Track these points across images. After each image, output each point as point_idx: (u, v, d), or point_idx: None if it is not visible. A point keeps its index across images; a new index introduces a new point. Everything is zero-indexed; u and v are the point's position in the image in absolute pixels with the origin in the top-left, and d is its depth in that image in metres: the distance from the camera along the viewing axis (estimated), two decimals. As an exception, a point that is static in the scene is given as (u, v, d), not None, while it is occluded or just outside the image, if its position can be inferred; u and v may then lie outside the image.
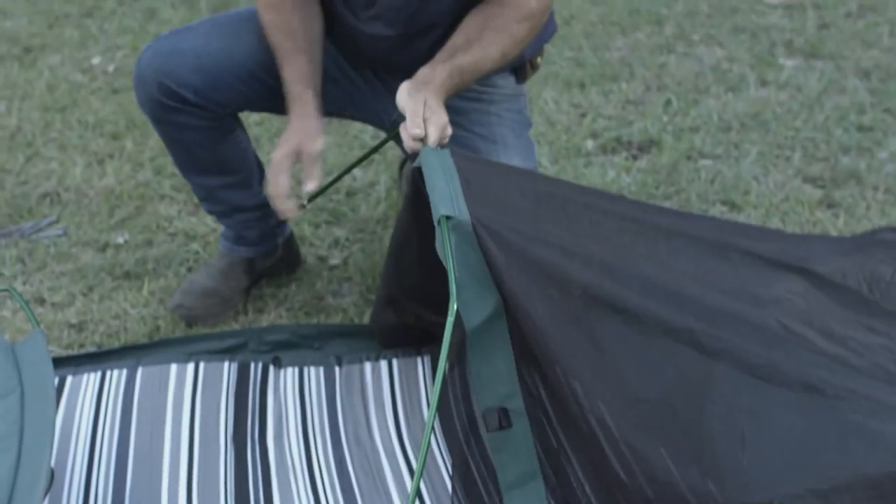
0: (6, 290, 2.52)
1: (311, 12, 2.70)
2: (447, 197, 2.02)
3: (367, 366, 2.73)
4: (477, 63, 2.45)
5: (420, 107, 2.31)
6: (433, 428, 2.18)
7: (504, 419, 2.03)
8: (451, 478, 2.28)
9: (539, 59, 2.86)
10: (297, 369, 2.72)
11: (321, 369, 2.72)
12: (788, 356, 2.09)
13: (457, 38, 2.46)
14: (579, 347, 1.94)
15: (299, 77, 2.64)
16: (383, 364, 2.73)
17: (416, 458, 2.43)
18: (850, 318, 2.31)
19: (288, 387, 2.66)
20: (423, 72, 2.40)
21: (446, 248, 1.95)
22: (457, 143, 2.44)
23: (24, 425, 2.12)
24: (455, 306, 1.90)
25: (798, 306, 2.29)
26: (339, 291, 3.09)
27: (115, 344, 2.91)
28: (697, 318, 2.06)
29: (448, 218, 1.97)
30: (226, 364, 2.73)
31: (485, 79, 2.65)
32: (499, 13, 2.48)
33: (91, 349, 2.90)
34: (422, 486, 2.32)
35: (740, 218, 3.32)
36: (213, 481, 2.38)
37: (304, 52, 2.66)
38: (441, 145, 2.26)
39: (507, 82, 2.81)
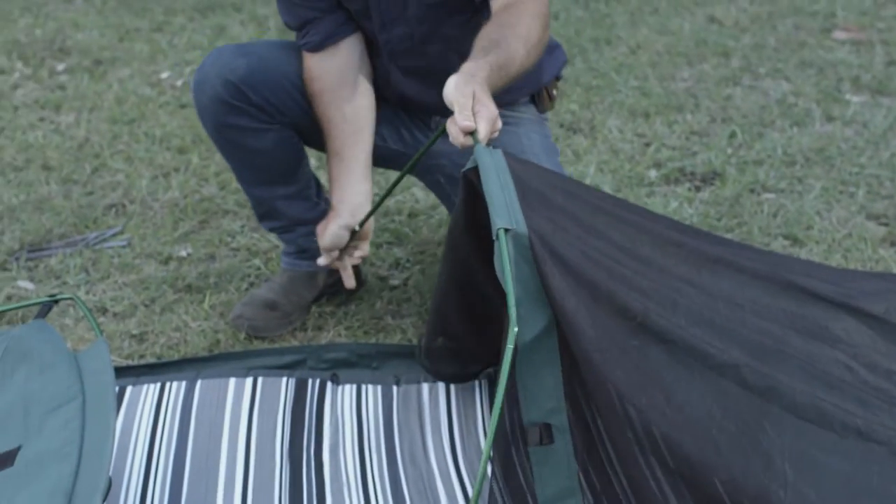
0: (70, 298, 2.54)
1: (355, 101, 2.81)
2: (504, 206, 1.96)
3: (425, 387, 2.73)
4: (507, 61, 2.36)
5: (469, 99, 2.17)
6: (490, 456, 2.17)
7: (546, 435, 2.01)
8: (493, 475, 2.26)
9: (555, 91, 2.90)
10: (355, 387, 2.72)
11: (378, 388, 2.73)
12: (833, 395, 2.07)
13: (480, 42, 2.40)
14: (632, 373, 1.92)
15: (331, 179, 2.80)
16: (440, 386, 2.72)
17: (471, 482, 2.43)
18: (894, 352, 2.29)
19: (345, 404, 2.67)
20: (467, 65, 2.28)
21: (504, 263, 1.89)
22: None
23: (84, 434, 2.14)
24: (515, 329, 1.86)
25: (844, 341, 2.27)
26: (398, 312, 3.10)
27: (175, 356, 2.93)
28: (743, 352, 2.04)
29: (506, 230, 1.91)
30: (284, 380, 2.74)
31: (509, 106, 2.68)
32: (512, 14, 2.45)
33: (151, 360, 2.92)
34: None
35: (802, 253, 3.30)
36: (268, 496, 2.39)
37: (338, 154, 2.80)
38: (491, 143, 2.19)
39: (529, 110, 2.85)
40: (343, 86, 2.77)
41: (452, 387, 2.72)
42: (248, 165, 2.92)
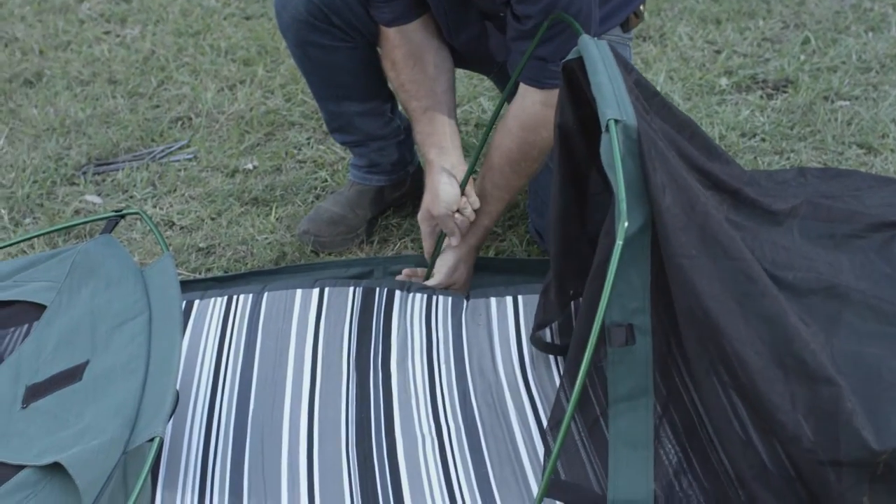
0: (136, 213, 2.55)
1: (437, 64, 2.76)
2: (613, 97, 1.91)
3: (493, 301, 2.71)
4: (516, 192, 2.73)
5: (444, 277, 2.73)
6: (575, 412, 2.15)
7: (630, 336, 1.98)
8: (562, 377, 2.24)
9: (642, 7, 2.86)
10: (425, 296, 2.70)
11: (449, 299, 2.70)
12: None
13: (499, 157, 2.65)
14: (714, 283, 1.88)
15: (424, 139, 2.74)
16: (508, 300, 2.71)
17: (539, 396, 2.41)
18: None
19: (414, 313, 2.66)
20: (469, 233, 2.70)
21: (616, 155, 1.83)
22: None
23: (151, 348, 2.14)
24: (626, 224, 1.80)
25: None
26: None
27: (242, 269, 2.94)
28: (820, 284, 2.06)
29: (616, 122, 1.86)
30: (351, 289, 2.73)
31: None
32: (532, 132, 2.59)
33: (218, 273, 2.93)
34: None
35: (877, 162, 3.24)
36: (335, 406, 2.39)
37: (428, 111, 2.73)
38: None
39: (613, 31, 2.79)
40: (426, 50, 2.75)
41: (520, 299, 2.70)
42: (328, 82, 2.90)
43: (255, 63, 4.04)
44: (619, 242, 1.79)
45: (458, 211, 2.67)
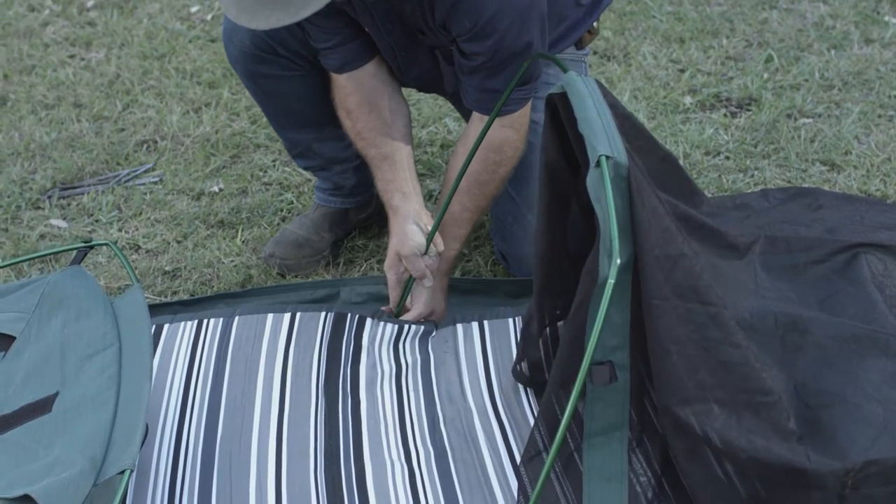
0: (106, 243, 2.54)
1: (392, 108, 2.75)
2: (603, 133, 1.89)
3: (459, 327, 2.71)
4: (482, 210, 2.74)
5: (422, 310, 2.72)
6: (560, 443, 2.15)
7: (613, 374, 1.98)
8: (536, 419, 2.24)
9: (596, 24, 2.86)
10: (396, 325, 2.68)
11: (421, 327, 2.69)
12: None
13: (469, 185, 2.66)
14: (685, 330, 1.90)
15: (385, 185, 2.72)
16: (474, 325, 2.71)
17: (508, 420, 2.42)
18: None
19: (384, 339, 2.66)
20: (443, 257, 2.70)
21: (608, 191, 1.82)
22: None
23: (121, 380, 2.14)
24: (618, 262, 1.79)
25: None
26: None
27: (208, 292, 2.93)
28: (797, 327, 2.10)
29: (608, 158, 1.84)
30: (322, 314, 2.73)
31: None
32: (498, 153, 2.63)
33: (184, 297, 2.92)
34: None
35: (839, 179, 3.26)
36: (304, 432, 2.39)
37: (388, 158, 2.72)
38: None
39: (567, 50, 2.81)
40: (380, 95, 2.74)
41: (486, 324, 2.71)
42: (283, 111, 2.92)
43: (221, 86, 4.04)
44: (611, 282, 1.78)
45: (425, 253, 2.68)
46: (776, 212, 2.60)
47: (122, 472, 1.89)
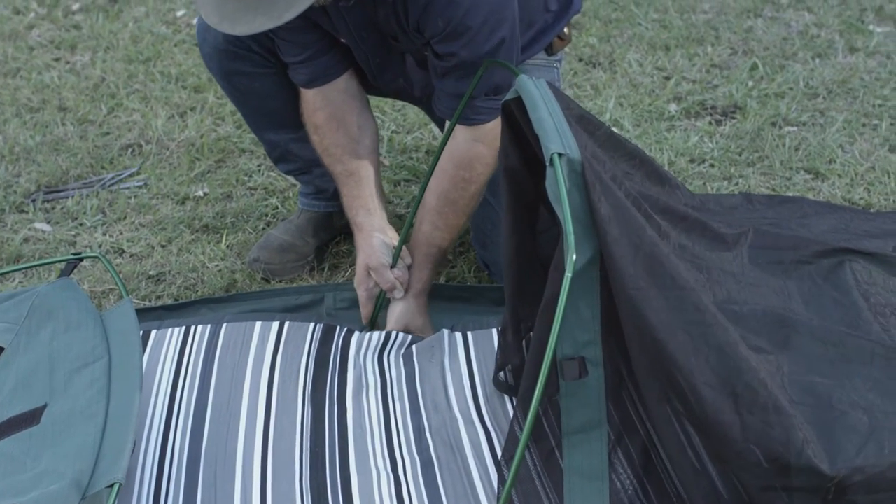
0: (96, 256, 2.54)
1: (360, 124, 2.77)
2: (555, 132, 1.91)
3: (445, 335, 2.69)
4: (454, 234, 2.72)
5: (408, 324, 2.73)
6: (527, 445, 2.14)
7: (583, 369, 1.99)
8: (514, 408, 2.23)
9: (566, 31, 2.86)
10: (383, 333, 2.68)
11: (408, 336, 2.69)
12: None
13: (435, 199, 2.65)
14: (663, 314, 1.89)
15: (351, 202, 2.75)
16: (458, 336, 2.70)
17: (494, 428, 2.41)
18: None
19: (370, 348, 2.65)
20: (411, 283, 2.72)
21: (561, 188, 1.83)
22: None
23: (110, 393, 2.14)
24: (574, 258, 1.80)
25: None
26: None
27: (193, 296, 2.92)
28: (770, 308, 2.08)
29: (560, 155, 1.85)
30: (311, 325, 2.72)
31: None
32: (467, 169, 2.61)
33: (168, 301, 2.91)
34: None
35: (824, 187, 3.27)
36: (290, 439, 2.38)
37: (354, 174, 2.74)
38: None
39: (538, 56, 2.81)
40: (348, 111, 2.75)
41: (469, 334, 2.70)
42: (259, 111, 2.92)
43: (206, 90, 4.03)
44: (569, 275, 1.79)
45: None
46: (760, 213, 2.60)
47: (111, 486, 1.88)
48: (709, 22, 4.44)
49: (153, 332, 2.72)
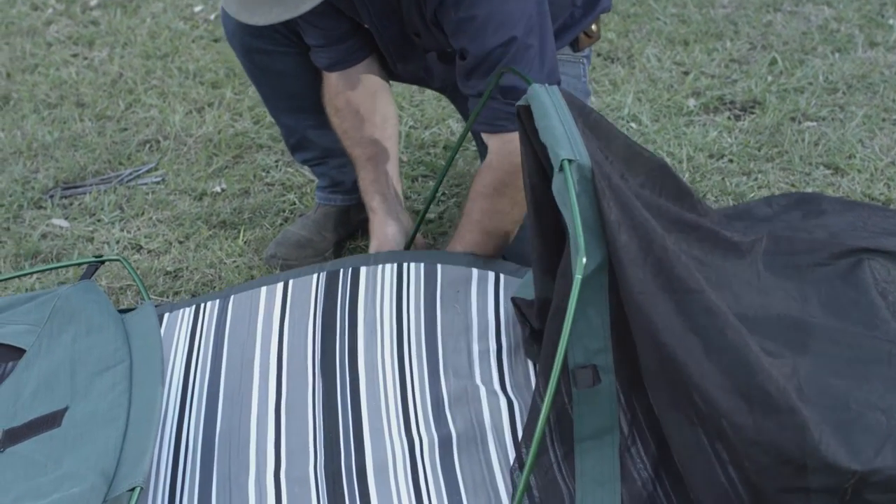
0: (118, 259, 2.55)
1: (381, 111, 2.78)
2: (565, 138, 1.91)
3: (475, 274, 2.58)
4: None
5: None
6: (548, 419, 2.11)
7: (596, 377, 1.98)
8: (523, 432, 2.21)
9: (594, 27, 2.85)
10: (395, 265, 2.61)
11: (422, 267, 2.60)
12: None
13: (473, 220, 2.65)
14: (673, 319, 1.89)
15: (367, 186, 2.77)
16: (490, 276, 2.59)
17: (517, 400, 2.32)
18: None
19: (385, 292, 2.57)
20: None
21: (571, 194, 1.84)
22: None
23: (132, 397, 2.14)
24: (584, 261, 1.80)
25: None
26: (433, 245, 3.08)
27: (210, 292, 2.92)
28: (782, 317, 2.09)
29: (570, 161, 1.86)
30: (314, 276, 2.64)
31: None
32: (502, 200, 2.59)
33: (185, 297, 2.92)
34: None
35: (844, 182, 3.25)
36: (302, 423, 2.33)
37: (372, 159, 2.75)
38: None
39: (564, 50, 2.81)
40: (370, 97, 2.77)
41: (502, 278, 2.59)
42: (278, 92, 2.91)
43: (224, 86, 4.03)
44: (578, 276, 1.79)
45: None
46: (778, 220, 2.59)
47: (133, 490, 1.89)
48: (728, 16, 4.42)
49: (165, 315, 2.66)
